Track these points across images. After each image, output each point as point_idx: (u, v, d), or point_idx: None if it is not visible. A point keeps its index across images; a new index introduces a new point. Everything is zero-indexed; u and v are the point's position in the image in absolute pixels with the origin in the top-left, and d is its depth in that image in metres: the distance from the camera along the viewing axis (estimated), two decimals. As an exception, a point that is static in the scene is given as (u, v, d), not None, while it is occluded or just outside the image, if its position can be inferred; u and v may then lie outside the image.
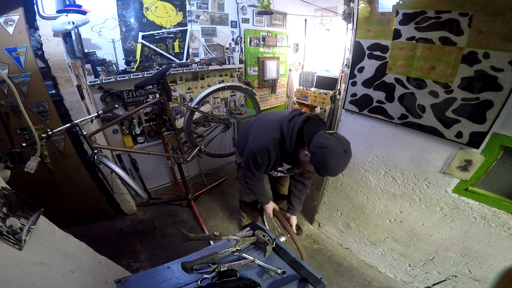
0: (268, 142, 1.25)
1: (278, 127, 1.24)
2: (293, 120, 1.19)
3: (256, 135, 1.35)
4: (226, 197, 2.70)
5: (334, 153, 0.99)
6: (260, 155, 1.29)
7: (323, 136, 1.04)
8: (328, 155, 1.00)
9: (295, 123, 1.17)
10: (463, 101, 1.14)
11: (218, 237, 0.91)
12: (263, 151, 1.27)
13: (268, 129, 1.28)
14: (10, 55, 1.53)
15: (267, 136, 1.27)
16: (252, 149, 1.31)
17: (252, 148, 1.32)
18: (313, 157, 1.05)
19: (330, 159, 1.00)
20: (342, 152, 1.00)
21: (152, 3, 2.27)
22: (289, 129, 1.18)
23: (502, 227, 1.22)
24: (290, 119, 1.20)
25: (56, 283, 0.87)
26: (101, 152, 1.45)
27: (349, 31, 1.51)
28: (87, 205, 2.17)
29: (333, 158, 1.00)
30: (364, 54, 1.40)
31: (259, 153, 1.29)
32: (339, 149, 1.00)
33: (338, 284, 1.79)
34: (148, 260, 1.95)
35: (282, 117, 1.25)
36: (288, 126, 1.19)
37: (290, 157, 1.26)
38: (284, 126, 1.21)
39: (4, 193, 0.83)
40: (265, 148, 1.26)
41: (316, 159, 1.04)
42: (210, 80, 2.98)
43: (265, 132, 1.30)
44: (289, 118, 1.21)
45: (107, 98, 2.25)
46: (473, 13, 1.00)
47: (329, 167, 1.03)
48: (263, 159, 1.30)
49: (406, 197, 1.54)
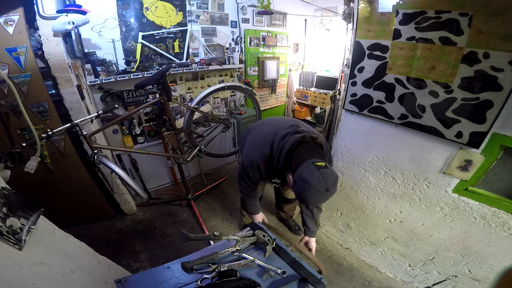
0: (257, 157, 1.25)
1: (269, 143, 1.21)
2: (285, 139, 1.15)
3: (249, 147, 1.35)
4: (226, 197, 2.70)
5: (314, 190, 0.95)
6: (251, 168, 1.29)
7: (309, 169, 0.97)
8: (308, 190, 0.96)
9: (285, 144, 1.12)
10: (463, 101, 1.14)
11: (218, 237, 0.91)
12: (253, 165, 1.27)
13: (260, 144, 1.27)
14: (10, 55, 1.53)
15: (257, 151, 1.26)
16: (244, 161, 1.33)
17: (244, 160, 1.34)
18: (295, 185, 1.02)
19: (309, 194, 0.97)
20: (324, 190, 0.95)
21: (152, 3, 2.27)
22: (278, 148, 1.15)
23: (502, 227, 1.22)
24: (283, 137, 1.16)
25: (56, 283, 0.87)
26: (101, 152, 1.45)
27: (349, 31, 1.51)
28: (87, 205, 2.17)
29: (312, 193, 0.96)
30: (364, 54, 1.40)
31: (250, 167, 1.29)
32: (321, 187, 0.95)
33: (338, 284, 1.79)
34: (148, 260, 1.95)
35: (277, 131, 1.22)
36: (278, 145, 1.16)
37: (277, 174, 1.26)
38: (275, 143, 1.18)
39: (4, 193, 0.83)
40: (255, 162, 1.26)
41: (296, 188, 1.01)
42: (210, 80, 2.98)
43: (256, 146, 1.30)
44: (283, 135, 1.17)
45: (107, 98, 2.25)
46: (473, 13, 1.00)
47: (307, 200, 1.01)
48: (254, 173, 1.30)
49: (406, 197, 1.54)
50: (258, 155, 1.25)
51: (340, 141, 1.76)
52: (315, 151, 1.10)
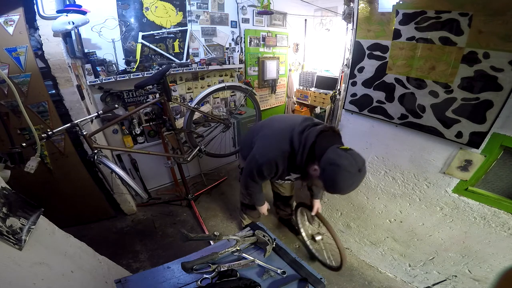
0: (276, 155, 1.17)
1: (287, 138, 1.14)
2: (305, 132, 1.09)
3: (263, 145, 1.26)
4: (226, 197, 2.70)
5: (346, 171, 0.90)
6: (267, 167, 1.21)
7: (336, 152, 0.94)
8: (339, 173, 0.91)
9: (308, 137, 1.07)
10: (463, 101, 1.14)
11: (218, 237, 0.91)
12: (270, 164, 1.20)
13: (277, 140, 1.19)
14: (10, 55, 1.53)
15: (275, 148, 1.18)
16: (259, 159, 1.23)
17: (258, 158, 1.23)
18: (323, 173, 0.97)
19: (341, 177, 0.92)
20: (356, 170, 0.91)
21: (152, 3, 2.27)
22: (300, 142, 1.09)
23: (502, 227, 1.22)
24: (302, 131, 1.11)
25: (56, 283, 0.87)
26: (101, 152, 1.45)
27: (349, 31, 1.51)
28: (87, 205, 2.17)
29: (344, 176, 0.91)
30: (364, 54, 1.40)
31: (266, 166, 1.21)
32: (353, 167, 0.90)
33: (338, 284, 1.79)
34: (148, 260, 1.95)
35: (293, 126, 1.16)
36: (299, 139, 1.10)
37: (299, 169, 1.17)
38: (295, 138, 1.12)
39: (4, 193, 0.83)
40: (273, 161, 1.18)
41: (325, 176, 0.97)
42: (210, 80, 2.98)
43: (273, 143, 1.21)
44: (301, 130, 1.11)
45: (107, 98, 2.25)
46: (473, 13, 1.00)
47: (339, 186, 0.94)
48: (270, 171, 1.23)
49: (406, 197, 1.54)
50: (277, 153, 1.18)
51: (340, 141, 1.76)
52: (336, 139, 1.08)
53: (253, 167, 1.28)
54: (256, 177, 1.32)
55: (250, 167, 1.30)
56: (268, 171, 1.24)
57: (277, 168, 1.21)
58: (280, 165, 1.19)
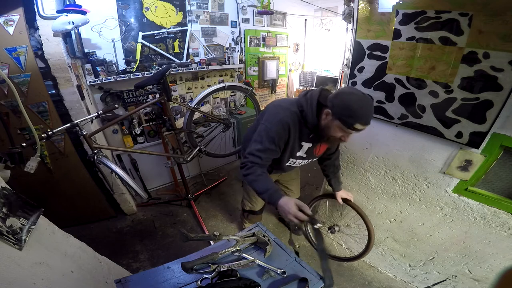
0: (287, 116, 1.13)
1: (294, 103, 1.17)
2: (308, 93, 1.17)
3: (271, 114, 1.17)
4: (226, 197, 2.70)
5: (352, 94, 0.99)
6: (279, 128, 1.12)
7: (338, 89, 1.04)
8: (347, 95, 0.99)
9: (313, 94, 1.14)
10: (463, 101, 1.14)
11: (218, 237, 0.91)
12: (282, 125, 1.12)
13: (284, 106, 1.17)
14: (10, 55, 1.53)
15: (285, 111, 1.15)
16: (269, 123, 1.14)
17: (268, 123, 1.14)
18: (334, 108, 1.01)
19: (350, 99, 0.98)
20: (360, 93, 1.00)
21: (152, 3, 2.27)
22: (307, 100, 1.14)
23: (502, 227, 1.22)
24: (304, 94, 1.18)
25: (56, 283, 0.87)
26: (101, 152, 1.45)
27: (349, 31, 1.50)
28: (87, 205, 2.17)
29: (353, 98, 0.98)
30: (364, 54, 1.40)
31: (278, 126, 1.12)
32: (356, 90, 1.01)
33: (338, 284, 1.79)
34: (148, 260, 1.95)
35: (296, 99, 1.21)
36: (305, 99, 1.15)
37: (311, 130, 1.16)
38: (301, 100, 1.16)
39: (4, 193, 0.83)
40: (284, 122, 1.12)
41: (337, 108, 1.00)
42: (210, 80, 2.98)
43: (281, 109, 1.17)
44: (304, 94, 1.18)
45: (107, 98, 2.25)
46: (473, 13, 1.00)
47: (353, 108, 0.96)
48: (283, 133, 1.13)
49: (406, 197, 1.54)
50: (286, 114, 1.14)
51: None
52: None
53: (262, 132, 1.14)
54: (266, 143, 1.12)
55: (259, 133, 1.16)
56: (279, 133, 1.12)
57: (289, 132, 1.14)
58: (291, 127, 1.14)
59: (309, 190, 2.83)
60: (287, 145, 1.18)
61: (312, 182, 2.93)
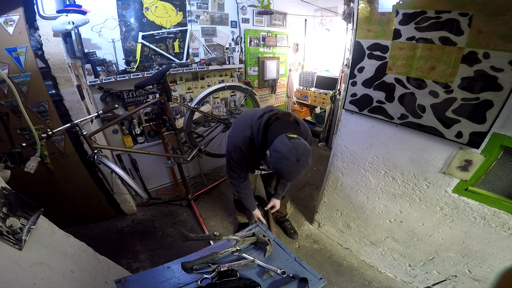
0: (239, 141, 1.28)
1: (248, 125, 1.25)
2: (262, 117, 1.20)
3: (231, 134, 1.41)
4: (226, 197, 2.70)
5: (285, 159, 0.97)
6: (235, 153, 1.31)
7: (281, 140, 1.01)
8: (280, 160, 0.98)
9: (262, 120, 1.17)
10: (463, 101, 1.14)
11: (218, 237, 0.91)
12: (236, 150, 1.30)
13: (241, 128, 1.31)
14: (10, 55, 1.53)
15: (239, 135, 1.29)
16: (228, 147, 1.36)
17: (228, 147, 1.37)
18: (270, 158, 1.05)
19: (282, 164, 0.98)
20: (294, 159, 0.96)
21: (152, 3, 2.27)
22: (257, 126, 1.19)
23: (502, 227, 1.22)
24: (260, 117, 1.21)
25: (56, 283, 0.87)
26: (101, 152, 1.45)
27: (349, 31, 1.51)
28: (87, 205, 2.17)
29: (284, 163, 0.98)
30: (364, 54, 1.40)
31: (234, 151, 1.32)
32: (291, 156, 0.96)
33: (338, 284, 1.79)
34: (148, 260, 1.95)
35: (255, 114, 1.26)
36: (256, 124, 1.20)
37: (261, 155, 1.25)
38: (254, 124, 1.22)
39: (4, 193, 0.83)
40: (237, 147, 1.29)
41: (271, 161, 1.03)
42: (210, 80, 2.97)
43: (237, 131, 1.34)
44: (260, 115, 1.22)
45: (107, 98, 2.25)
46: (473, 13, 1.00)
47: (281, 172, 1.02)
48: (239, 158, 1.32)
49: (406, 197, 1.54)
50: (239, 138, 1.29)
51: (340, 141, 1.76)
52: (290, 126, 1.15)
53: (227, 156, 1.39)
54: (233, 166, 1.38)
55: (227, 157, 1.41)
56: (236, 156, 1.32)
57: (243, 153, 1.29)
58: (244, 150, 1.28)
59: (309, 190, 2.83)
60: (247, 163, 1.36)
61: (312, 182, 2.93)
